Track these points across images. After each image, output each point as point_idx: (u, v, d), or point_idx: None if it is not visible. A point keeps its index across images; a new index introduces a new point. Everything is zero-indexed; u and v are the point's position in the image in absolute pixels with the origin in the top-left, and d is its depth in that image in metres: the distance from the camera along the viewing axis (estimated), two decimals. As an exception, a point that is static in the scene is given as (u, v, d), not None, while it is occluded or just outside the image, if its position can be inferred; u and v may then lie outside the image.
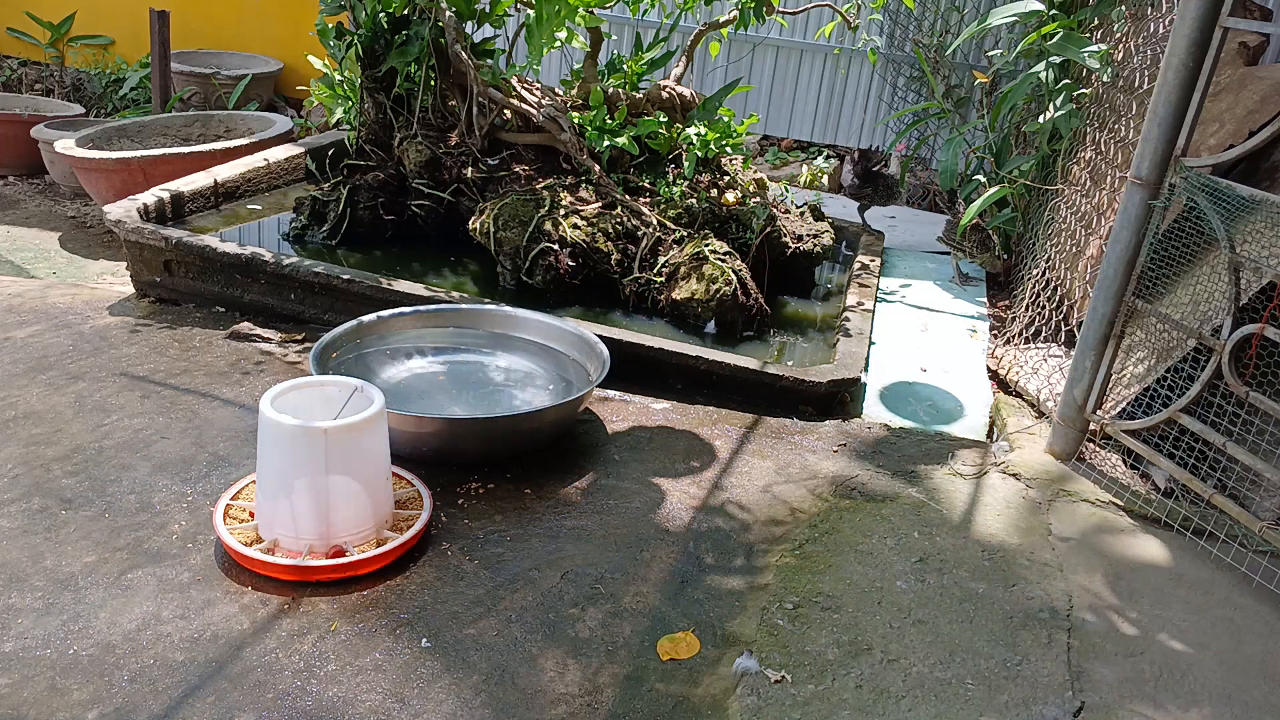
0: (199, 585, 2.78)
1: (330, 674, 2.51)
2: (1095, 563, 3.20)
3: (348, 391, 2.99)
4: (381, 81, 5.41)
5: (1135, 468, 3.77)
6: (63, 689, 2.39)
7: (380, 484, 2.97)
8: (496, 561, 3.00)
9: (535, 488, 3.40)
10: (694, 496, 3.43)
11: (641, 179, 5.31)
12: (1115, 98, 4.47)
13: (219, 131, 6.89)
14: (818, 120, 7.94)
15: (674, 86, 5.62)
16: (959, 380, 4.50)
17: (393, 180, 5.39)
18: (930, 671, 2.66)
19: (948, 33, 7.11)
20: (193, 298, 4.67)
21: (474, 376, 3.99)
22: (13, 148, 7.00)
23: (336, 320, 4.05)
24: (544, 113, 5.24)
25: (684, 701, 2.52)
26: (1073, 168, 4.83)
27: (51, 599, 2.68)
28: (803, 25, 7.72)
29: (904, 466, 3.72)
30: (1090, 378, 3.71)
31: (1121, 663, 2.76)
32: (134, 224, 4.63)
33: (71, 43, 8.89)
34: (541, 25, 4.83)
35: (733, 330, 4.66)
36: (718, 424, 3.92)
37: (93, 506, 3.08)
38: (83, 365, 3.94)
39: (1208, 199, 3.31)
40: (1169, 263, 3.51)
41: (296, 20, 8.35)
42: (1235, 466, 3.41)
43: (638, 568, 3.02)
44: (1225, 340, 3.27)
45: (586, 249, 4.81)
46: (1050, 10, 5.07)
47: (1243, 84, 4.17)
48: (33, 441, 3.39)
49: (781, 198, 5.75)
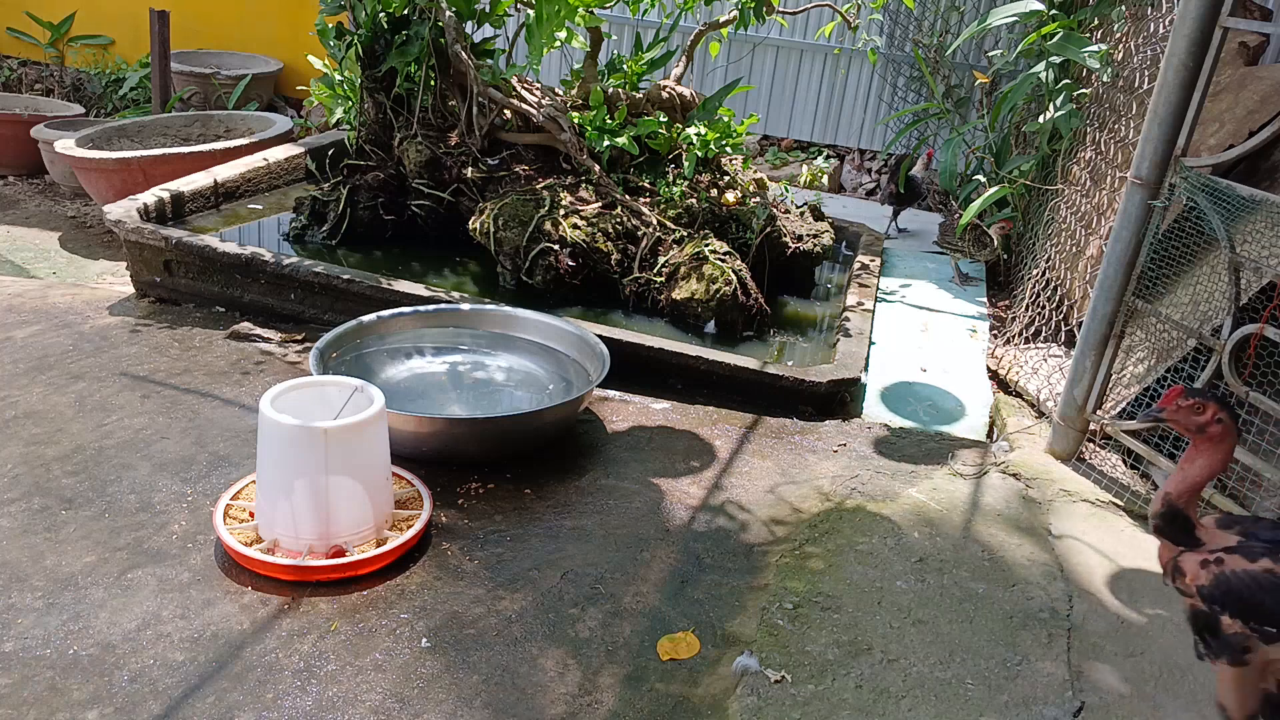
0: (199, 585, 2.78)
1: (330, 674, 2.51)
2: (1095, 563, 3.20)
3: (348, 391, 2.99)
4: (381, 81, 5.41)
5: (1135, 468, 3.77)
6: (63, 689, 2.39)
7: (380, 484, 2.97)
8: (496, 561, 3.00)
9: (535, 488, 3.40)
10: (694, 496, 3.43)
11: (641, 179, 5.31)
12: (1115, 98, 4.47)
13: (219, 131, 6.89)
14: (818, 120, 7.94)
15: (674, 86, 5.62)
16: (959, 380, 4.50)
17: (393, 180, 5.39)
18: (930, 671, 2.66)
19: (948, 33, 7.10)
20: (193, 298, 4.67)
21: (474, 376, 3.99)
22: (13, 148, 7.00)
23: (336, 320, 4.06)
24: (544, 113, 5.24)
25: (684, 701, 2.52)
26: (1073, 168, 4.83)
27: (52, 599, 2.68)
28: (803, 25, 7.72)
29: (904, 466, 3.72)
30: (1090, 378, 3.71)
31: (1121, 663, 2.76)
32: (134, 224, 4.63)
33: (71, 43, 8.89)
34: (541, 25, 4.83)
35: (733, 330, 4.66)
36: (718, 424, 3.92)
37: (93, 506, 3.08)
38: (83, 365, 3.94)
39: (1208, 199, 3.31)
40: (1169, 263, 3.51)
41: (296, 20, 8.35)
42: (1235, 466, 3.41)
43: (638, 568, 3.02)
44: (1225, 340, 3.27)
45: (586, 249, 4.81)
46: (1050, 10, 5.07)
47: (1243, 84, 4.17)
48: (33, 441, 3.39)
49: (781, 198, 5.75)
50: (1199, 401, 2.00)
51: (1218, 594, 1.94)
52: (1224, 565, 1.94)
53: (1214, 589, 1.94)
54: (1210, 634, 1.97)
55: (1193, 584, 1.96)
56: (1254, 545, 1.98)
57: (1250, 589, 1.91)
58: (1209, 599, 1.95)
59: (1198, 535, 2.02)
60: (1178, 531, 2.03)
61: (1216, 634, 1.95)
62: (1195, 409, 1.99)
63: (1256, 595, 1.91)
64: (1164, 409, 2.03)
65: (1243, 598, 1.92)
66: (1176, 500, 2.01)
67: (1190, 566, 1.98)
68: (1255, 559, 1.94)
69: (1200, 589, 1.95)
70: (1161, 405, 2.03)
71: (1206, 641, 1.98)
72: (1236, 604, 1.92)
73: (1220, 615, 1.94)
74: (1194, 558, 1.99)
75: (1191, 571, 1.97)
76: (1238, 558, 1.95)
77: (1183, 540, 2.03)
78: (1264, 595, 1.90)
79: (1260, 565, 1.92)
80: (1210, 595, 1.94)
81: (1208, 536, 2.02)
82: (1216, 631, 1.95)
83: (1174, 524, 2.02)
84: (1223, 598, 1.93)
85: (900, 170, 6.43)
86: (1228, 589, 1.93)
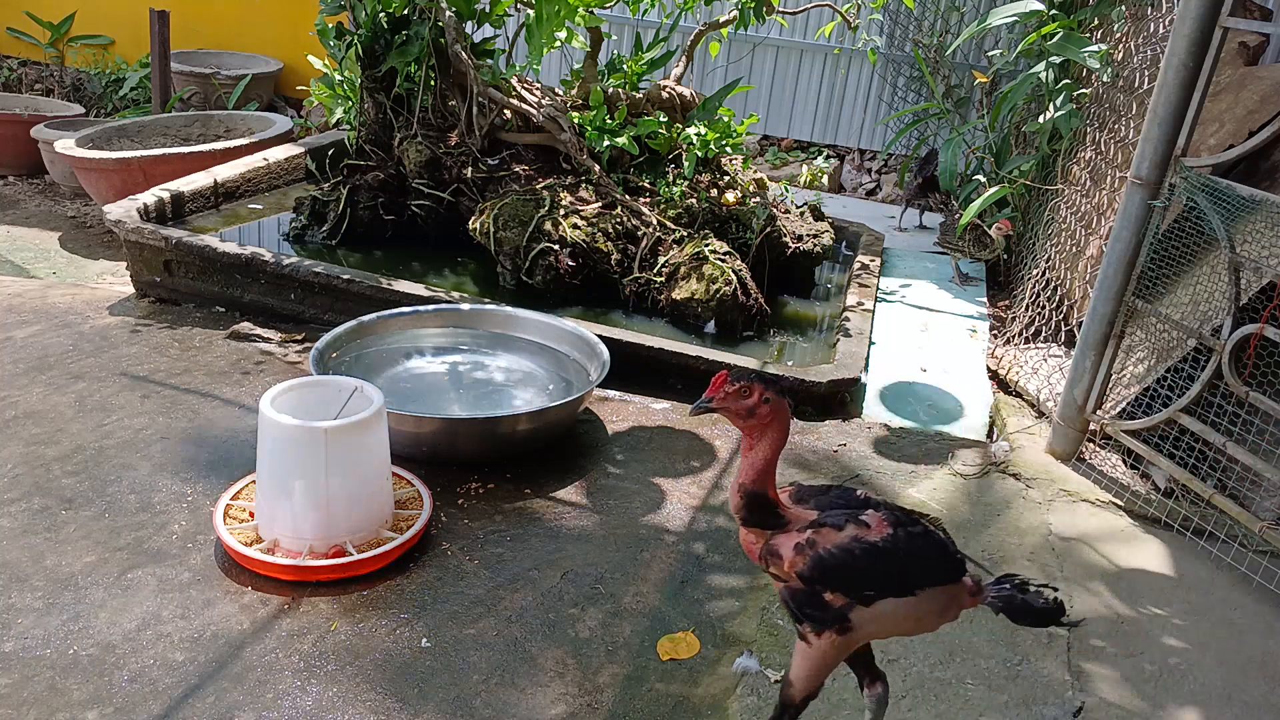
0: (199, 585, 2.78)
1: (330, 674, 2.51)
2: (1095, 562, 3.20)
3: (347, 391, 2.99)
4: (381, 81, 5.41)
5: (1135, 468, 3.77)
6: (63, 689, 2.39)
7: (380, 484, 2.97)
8: (496, 561, 3.00)
9: (535, 488, 3.40)
10: (694, 496, 3.43)
11: (641, 179, 5.31)
12: (1115, 98, 4.47)
13: (219, 131, 6.89)
14: (818, 120, 7.94)
15: (674, 86, 5.62)
16: (959, 380, 4.50)
17: (393, 180, 5.39)
18: (930, 671, 2.66)
19: (948, 33, 7.10)
20: (193, 298, 4.67)
21: (474, 376, 3.99)
22: (13, 148, 7.00)
23: (336, 320, 4.05)
24: (544, 113, 5.24)
25: (684, 701, 2.52)
26: (1073, 168, 4.83)
27: (52, 599, 2.68)
28: (803, 25, 7.72)
29: (904, 466, 3.72)
30: (1090, 378, 3.71)
31: (1121, 663, 2.76)
32: (134, 224, 4.63)
33: (71, 43, 8.89)
34: (541, 25, 4.83)
35: (733, 330, 4.66)
36: (718, 424, 3.92)
37: (93, 506, 3.08)
38: (83, 365, 3.94)
39: (1208, 199, 3.31)
40: (1169, 263, 3.51)
41: (296, 20, 8.34)
42: (1235, 466, 3.41)
43: (638, 568, 3.02)
44: (1225, 340, 3.27)
45: (586, 249, 4.81)
46: (1050, 10, 5.07)
47: (1243, 84, 4.17)
48: (33, 441, 3.39)
49: (781, 198, 5.75)
50: (745, 384, 2.00)
51: (818, 574, 1.98)
52: (817, 546, 1.98)
53: (813, 569, 1.98)
54: (813, 608, 2.01)
55: (791, 570, 1.99)
56: (836, 515, 2.04)
57: (845, 561, 1.97)
58: (810, 579, 1.98)
59: (781, 514, 2.05)
60: (764, 516, 2.05)
61: (821, 608, 2.00)
62: (742, 392, 2.00)
63: (851, 565, 1.98)
64: (712, 397, 2.02)
65: (840, 571, 1.98)
66: (753, 487, 2.02)
67: (786, 551, 2.00)
68: (842, 527, 2.01)
69: (800, 573, 1.99)
70: (709, 394, 2.02)
71: (809, 615, 2.02)
72: (836, 578, 1.98)
73: (823, 592, 1.99)
74: (787, 542, 2.02)
75: (788, 557, 2.00)
76: (827, 531, 2.00)
77: (770, 523, 2.05)
78: (857, 562, 1.98)
79: (848, 534, 1.99)
80: (811, 576, 1.98)
81: (791, 515, 2.06)
82: (821, 606, 2.00)
83: (759, 510, 2.04)
84: (823, 576, 1.98)
85: (928, 165, 6.42)
86: (825, 567, 1.97)
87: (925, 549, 2.06)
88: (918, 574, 2.04)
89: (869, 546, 1.99)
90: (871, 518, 2.03)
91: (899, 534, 2.02)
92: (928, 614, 2.09)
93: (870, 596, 2.00)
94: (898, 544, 2.01)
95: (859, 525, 2.01)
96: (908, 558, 2.03)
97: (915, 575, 2.04)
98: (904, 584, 2.03)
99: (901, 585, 2.02)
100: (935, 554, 2.08)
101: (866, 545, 1.99)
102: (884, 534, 2.01)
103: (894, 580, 2.02)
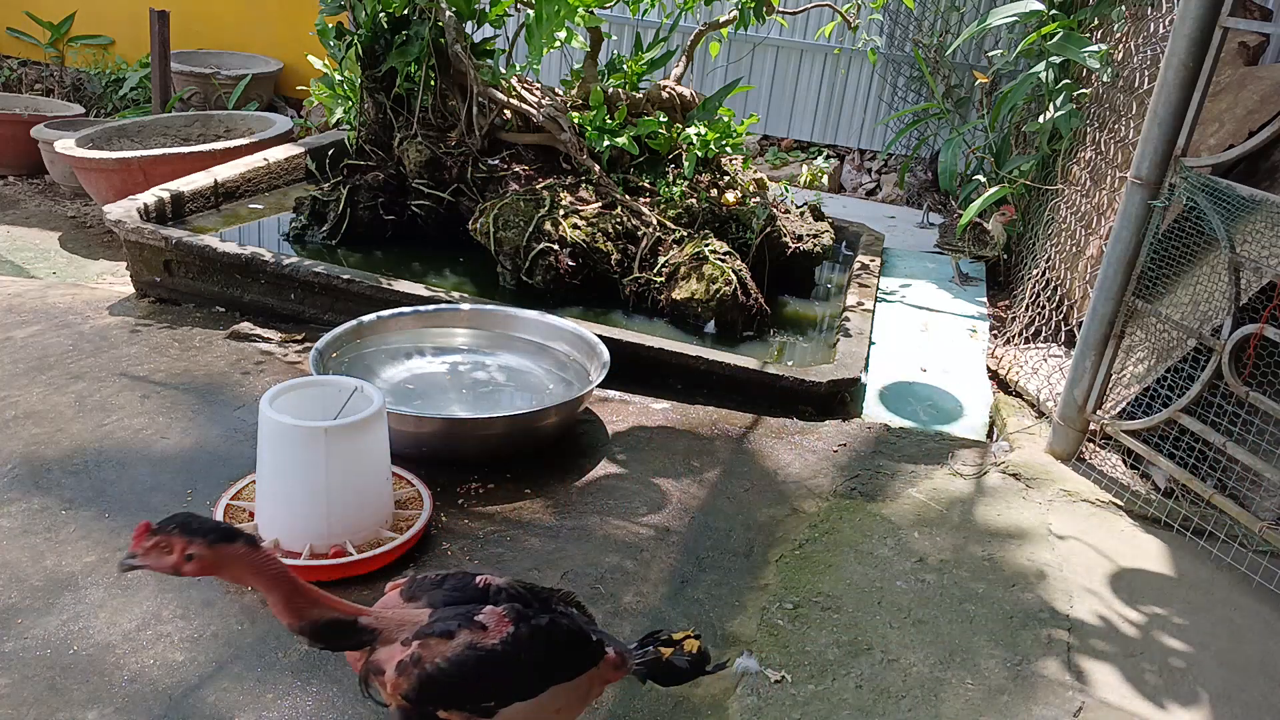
0: (199, 585, 2.78)
1: (330, 674, 2.51)
2: (1095, 563, 3.20)
3: (348, 391, 2.99)
4: (381, 81, 5.41)
5: (1135, 468, 3.77)
6: (63, 689, 2.39)
7: (380, 484, 2.97)
8: (496, 561, 3.00)
9: (535, 488, 3.40)
10: (694, 496, 3.43)
11: (641, 179, 5.31)
12: (1115, 98, 4.47)
13: (219, 131, 6.89)
14: (818, 120, 7.94)
15: (674, 86, 5.62)
16: (959, 380, 4.50)
17: (393, 180, 5.39)
18: (930, 671, 2.66)
19: (948, 33, 7.10)
20: (193, 298, 4.67)
21: (474, 376, 3.99)
22: (13, 148, 7.00)
23: (336, 320, 4.05)
24: (544, 113, 5.24)
25: (684, 701, 2.52)
26: (1073, 168, 4.83)
27: (51, 599, 2.68)
28: (803, 25, 7.72)
29: (904, 466, 3.72)
30: (1090, 378, 3.71)
31: (1121, 663, 2.76)
32: (134, 224, 4.63)
33: (71, 43, 8.89)
34: (541, 25, 4.83)
35: (733, 330, 4.66)
36: (718, 424, 3.92)
37: (93, 506, 3.08)
38: (83, 365, 3.94)
39: (1208, 199, 3.31)
40: (1169, 263, 3.51)
41: (296, 20, 8.34)
42: (1235, 466, 3.41)
43: (638, 568, 3.02)
44: (1225, 340, 3.27)
45: (586, 249, 4.81)
46: (1050, 10, 5.07)
47: (1243, 84, 4.17)
48: (33, 441, 3.39)
49: (781, 198, 5.75)
50: (164, 538, 1.69)
51: (426, 694, 1.72)
52: (423, 662, 1.72)
53: (420, 691, 1.72)
54: None
55: (395, 693, 1.73)
56: (446, 617, 1.78)
57: (457, 676, 1.72)
58: (418, 701, 1.73)
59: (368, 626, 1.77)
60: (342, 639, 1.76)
61: None
62: (162, 547, 1.69)
63: (464, 679, 1.73)
64: (135, 553, 1.71)
65: (452, 688, 1.73)
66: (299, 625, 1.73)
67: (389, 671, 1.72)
68: (454, 634, 1.76)
69: (405, 695, 1.72)
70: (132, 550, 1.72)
71: None
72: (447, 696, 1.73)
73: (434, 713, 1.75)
74: (390, 659, 1.73)
75: (391, 679, 1.72)
76: (435, 642, 1.74)
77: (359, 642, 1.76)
78: (471, 675, 1.73)
79: (460, 642, 1.75)
80: (417, 698, 1.72)
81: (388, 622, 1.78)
82: None
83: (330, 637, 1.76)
84: (432, 696, 1.73)
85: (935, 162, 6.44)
86: (434, 685, 1.72)
87: (554, 640, 1.85)
88: (546, 672, 1.84)
89: (485, 654, 1.74)
90: (489, 616, 1.79)
91: (521, 631, 1.80)
92: (569, 703, 1.90)
93: (490, 708, 1.77)
94: (519, 645, 1.78)
95: (474, 629, 1.76)
96: (532, 659, 1.80)
97: (543, 674, 1.84)
98: (529, 687, 1.82)
99: (527, 689, 1.81)
100: (566, 644, 1.88)
101: (483, 653, 1.74)
102: (503, 634, 1.77)
103: (518, 686, 1.80)
